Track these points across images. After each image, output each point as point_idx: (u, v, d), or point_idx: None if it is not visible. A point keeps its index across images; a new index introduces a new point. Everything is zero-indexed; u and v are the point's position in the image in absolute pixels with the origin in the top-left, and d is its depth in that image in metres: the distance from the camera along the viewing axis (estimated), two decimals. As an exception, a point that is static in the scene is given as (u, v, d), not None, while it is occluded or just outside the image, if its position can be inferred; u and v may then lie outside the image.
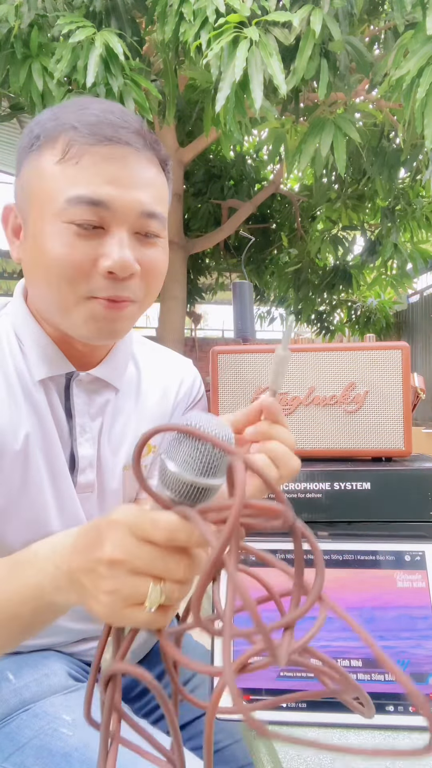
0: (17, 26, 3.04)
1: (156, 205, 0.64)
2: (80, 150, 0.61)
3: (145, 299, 0.68)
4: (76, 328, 0.66)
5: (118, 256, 0.61)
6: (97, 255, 0.62)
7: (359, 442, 0.86)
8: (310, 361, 0.86)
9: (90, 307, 0.64)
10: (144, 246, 0.65)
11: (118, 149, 0.62)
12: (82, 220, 0.60)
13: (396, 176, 4.74)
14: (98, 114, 0.62)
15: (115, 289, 0.63)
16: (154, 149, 0.66)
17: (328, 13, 2.89)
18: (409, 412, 0.85)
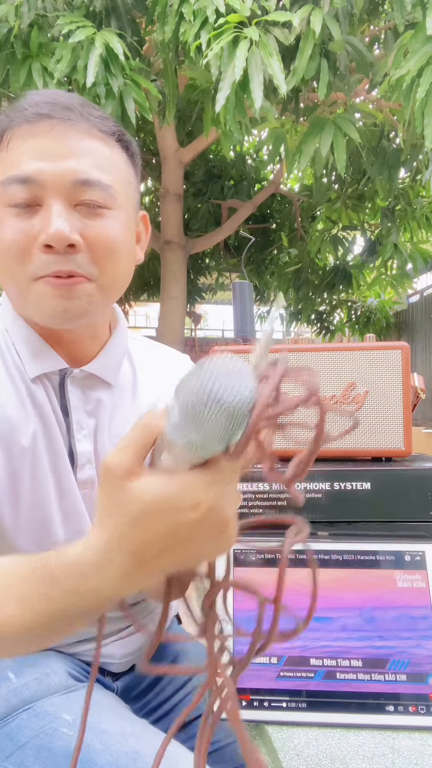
0: (17, 26, 3.04)
1: (94, 172, 0.62)
2: (11, 134, 0.62)
3: (102, 277, 0.65)
4: (34, 313, 0.65)
5: (52, 228, 0.59)
6: (35, 232, 0.61)
7: (359, 442, 0.86)
8: (310, 361, 0.86)
9: (38, 288, 0.63)
10: (88, 217, 0.63)
11: (43, 123, 0.61)
12: (16, 200, 0.60)
13: (396, 176, 4.73)
14: (29, 100, 0.63)
15: (56, 264, 0.61)
16: (90, 121, 0.64)
17: (328, 13, 2.89)
18: (409, 412, 0.85)
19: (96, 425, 0.74)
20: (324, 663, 0.66)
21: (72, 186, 0.61)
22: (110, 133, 0.66)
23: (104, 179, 0.63)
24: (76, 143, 0.62)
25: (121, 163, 0.67)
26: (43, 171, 0.60)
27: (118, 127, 0.68)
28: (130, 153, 0.69)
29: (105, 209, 0.63)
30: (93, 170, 0.62)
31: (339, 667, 0.67)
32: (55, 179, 0.60)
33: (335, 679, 0.66)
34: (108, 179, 0.63)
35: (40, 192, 0.60)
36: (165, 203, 4.89)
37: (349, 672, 0.66)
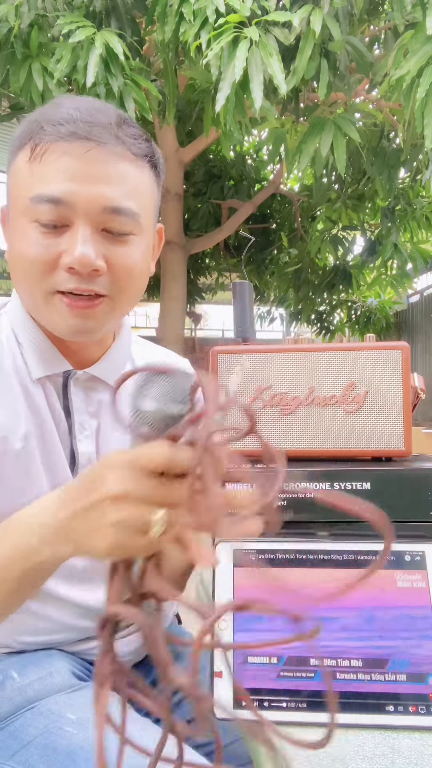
0: (17, 26, 3.04)
1: (124, 200, 0.63)
2: (44, 148, 0.61)
3: (119, 296, 0.67)
4: (49, 324, 0.67)
5: (78, 252, 0.60)
6: (60, 251, 0.62)
7: (359, 442, 0.86)
8: (310, 361, 0.86)
9: (56, 304, 0.64)
10: (113, 243, 0.64)
11: (79, 145, 0.61)
12: (45, 220, 0.61)
13: (396, 176, 4.74)
14: (64, 112, 0.62)
15: (78, 283, 0.62)
16: (125, 143, 0.64)
17: (328, 13, 2.89)
18: (409, 412, 0.85)
19: (98, 426, 0.75)
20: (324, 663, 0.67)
21: (101, 212, 0.62)
22: (143, 156, 0.66)
23: (133, 207, 0.64)
24: (109, 168, 0.62)
25: (149, 184, 0.68)
26: (75, 194, 0.60)
27: (150, 146, 0.68)
28: (158, 171, 0.70)
29: (129, 236, 0.65)
30: (123, 198, 0.62)
31: (339, 667, 0.67)
32: (86, 203, 0.61)
33: (335, 679, 0.66)
34: (136, 207, 0.64)
35: (68, 214, 0.61)
36: (165, 203, 4.90)
37: (348, 672, 0.66)
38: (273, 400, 0.86)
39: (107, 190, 0.61)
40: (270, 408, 0.86)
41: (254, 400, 0.86)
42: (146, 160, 0.67)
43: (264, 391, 0.86)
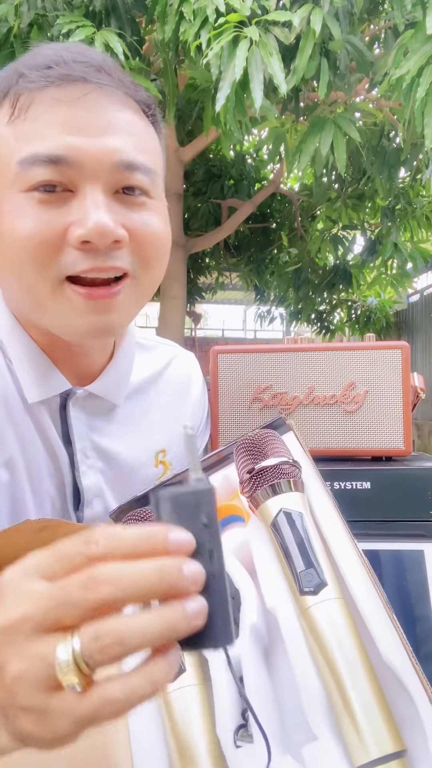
0: (17, 25, 3.04)
1: (137, 154, 0.50)
2: (28, 98, 0.48)
3: (143, 274, 0.53)
4: (56, 326, 0.53)
5: (92, 221, 0.47)
6: (66, 224, 0.48)
7: (359, 441, 0.86)
8: (310, 361, 0.86)
9: (67, 296, 0.50)
10: (129, 208, 0.51)
11: (75, 88, 0.48)
12: (42, 181, 0.48)
13: (396, 176, 4.73)
14: (49, 53, 0.50)
15: (94, 260, 0.49)
16: (127, 88, 0.52)
17: (328, 13, 2.89)
18: (409, 411, 0.85)
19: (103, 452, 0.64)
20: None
21: (113, 169, 0.49)
22: (145, 105, 0.54)
23: (148, 162, 0.52)
24: (115, 115, 0.50)
25: (156, 142, 0.56)
26: (78, 148, 0.47)
27: (150, 95, 0.55)
28: (158, 129, 0.57)
29: (146, 198, 0.52)
30: (136, 152, 0.50)
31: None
32: (93, 159, 0.48)
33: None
34: (150, 163, 0.52)
35: (72, 175, 0.48)
36: (165, 203, 4.89)
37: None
38: (273, 399, 0.86)
39: (117, 142, 0.49)
40: (270, 408, 0.86)
41: (254, 400, 0.86)
42: (148, 112, 0.55)
43: (264, 391, 0.86)
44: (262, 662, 0.46)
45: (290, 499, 0.49)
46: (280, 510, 0.49)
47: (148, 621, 0.28)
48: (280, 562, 0.48)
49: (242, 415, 0.86)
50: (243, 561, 0.51)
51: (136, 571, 0.29)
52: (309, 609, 0.44)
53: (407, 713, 0.40)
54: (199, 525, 0.31)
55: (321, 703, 0.41)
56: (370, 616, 0.44)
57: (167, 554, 0.30)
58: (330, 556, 0.48)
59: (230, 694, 0.43)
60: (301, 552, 0.46)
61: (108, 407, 0.65)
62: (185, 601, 0.29)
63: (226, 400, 0.87)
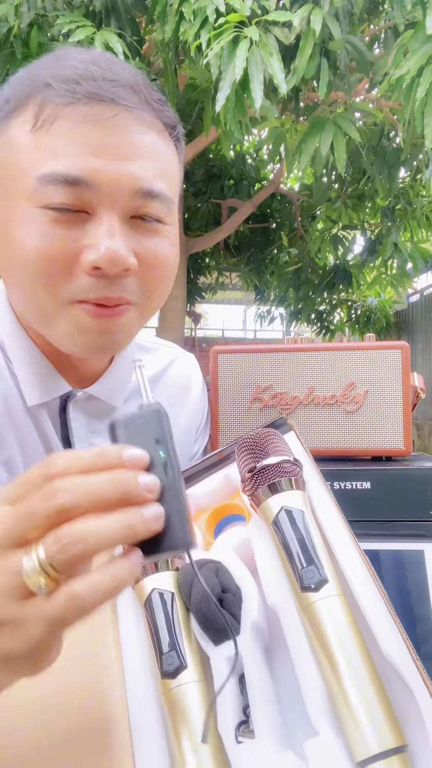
0: (17, 26, 3.04)
1: (156, 181, 0.50)
2: (54, 112, 0.47)
3: (147, 302, 0.54)
4: (60, 341, 0.54)
5: (105, 247, 0.47)
6: (79, 247, 0.48)
7: (359, 441, 0.86)
8: (310, 361, 0.86)
9: (73, 314, 0.51)
10: (143, 234, 0.51)
11: (102, 108, 0.47)
12: (59, 204, 0.47)
13: (396, 176, 4.73)
14: (77, 65, 0.48)
15: (105, 289, 0.49)
16: (154, 109, 0.51)
17: (328, 13, 2.89)
18: (409, 411, 0.85)
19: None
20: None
21: (131, 196, 0.49)
22: (171, 126, 0.54)
23: (166, 191, 0.52)
24: (138, 138, 0.49)
25: (176, 163, 0.56)
26: (99, 172, 0.47)
27: (175, 115, 0.55)
28: (180, 147, 0.57)
29: (160, 225, 0.53)
30: (156, 179, 0.50)
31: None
32: (113, 185, 0.48)
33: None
34: (168, 190, 0.52)
35: (90, 197, 0.48)
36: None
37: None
38: (273, 399, 0.86)
39: (138, 168, 0.49)
40: (270, 408, 0.86)
41: (254, 400, 0.86)
42: (173, 133, 0.55)
43: (264, 391, 0.86)
44: (263, 659, 0.46)
45: (291, 497, 0.50)
46: (281, 508, 0.49)
47: (107, 521, 0.31)
48: (282, 559, 0.48)
49: (242, 415, 0.86)
50: (244, 559, 0.51)
51: (94, 480, 0.31)
52: (310, 605, 0.44)
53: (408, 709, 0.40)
54: (152, 442, 0.35)
55: (322, 698, 0.41)
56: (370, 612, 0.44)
57: (123, 468, 0.33)
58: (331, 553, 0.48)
59: (231, 690, 0.44)
60: (302, 549, 0.46)
61: (108, 409, 0.65)
62: (142, 507, 0.32)
63: (226, 400, 0.87)
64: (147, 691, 0.46)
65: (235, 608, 0.47)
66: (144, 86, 0.51)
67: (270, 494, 0.50)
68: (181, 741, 0.42)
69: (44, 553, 0.30)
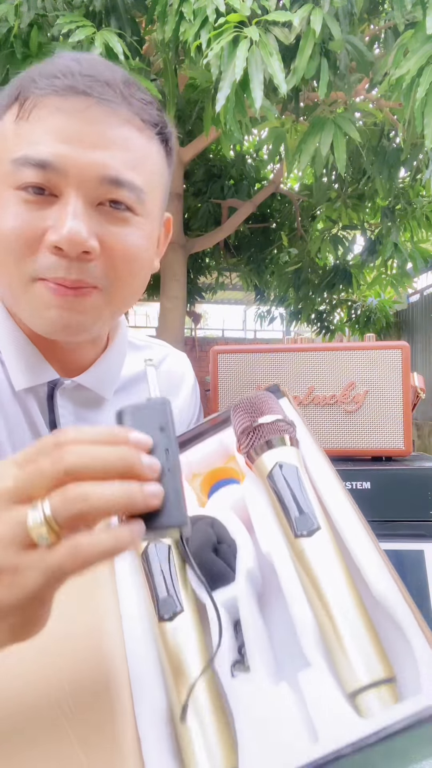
0: (17, 26, 3.04)
1: (125, 170, 0.52)
2: (33, 102, 0.51)
3: (113, 286, 0.56)
4: (29, 319, 0.56)
5: (67, 228, 0.50)
6: (45, 226, 0.51)
7: (359, 441, 0.86)
8: (310, 361, 0.86)
9: (37, 292, 0.53)
10: (110, 221, 0.53)
11: (77, 100, 0.51)
12: (29, 183, 0.51)
13: (396, 176, 4.73)
14: (60, 63, 0.53)
15: (66, 269, 0.52)
16: (132, 105, 0.54)
17: (328, 13, 2.89)
18: (409, 411, 0.85)
19: None
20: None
21: (98, 182, 0.52)
22: (152, 124, 0.56)
23: (137, 181, 0.54)
24: (111, 131, 0.52)
25: (158, 161, 0.58)
26: (66, 157, 0.50)
27: (162, 115, 0.57)
28: (168, 148, 0.60)
29: (130, 214, 0.55)
30: (126, 168, 0.53)
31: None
32: (80, 170, 0.51)
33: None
34: (140, 181, 0.54)
35: (58, 181, 0.51)
36: (165, 203, 4.89)
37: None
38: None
39: (107, 157, 0.51)
40: (270, 408, 0.86)
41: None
42: (155, 131, 0.57)
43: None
44: (255, 603, 0.48)
45: (286, 453, 0.52)
46: (276, 463, 0.51)
47: (110, 487, 0.33)
48: (276, 510, 0.50)
49: (242, 415, 0.86)
50: (239, 516, 0.54)
51: (101, 449, 0.34)
52: (303, 551, 0.46)
53: (397, 643, 0.42)
54: (156, 429, 0.38)
55: (314, 635, 0.43)
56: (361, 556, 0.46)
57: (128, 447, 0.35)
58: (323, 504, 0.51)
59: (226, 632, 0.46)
60: (295, 499, 0.49)
61: (97, 400, 0.66)
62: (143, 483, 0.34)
63: (226, 400, 0.87)
64: (145, 633, 0.47)
65: (230, 558, 0.49)
66: (124, 84, 0.54)
67: (265, 450, 0.52)
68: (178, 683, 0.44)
69: (49, 507, 0.32)
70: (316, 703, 0.40)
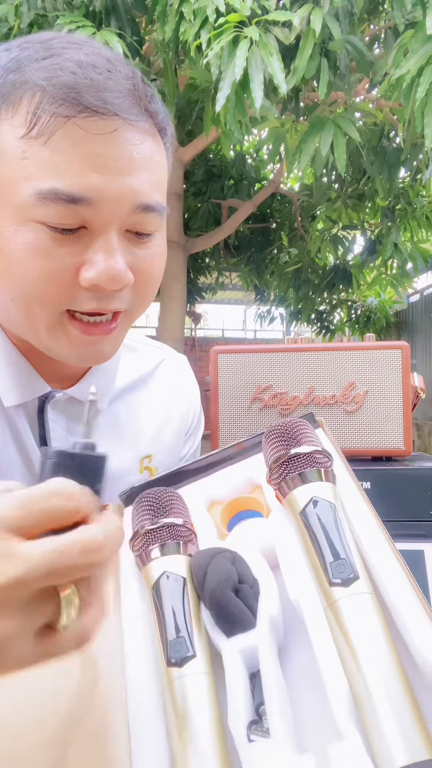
0: (17, 26, 3.04)
1: (153, 193, 0.50)
2: (52, 123, 0.45)
3: (138, 309, 0.55)
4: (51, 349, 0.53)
5: (104, 266, 0.47)
6: (77, 264, 0.48)
7: (359, 441, 0.86)
8: (310, 361, 0.86)
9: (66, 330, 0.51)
10: (137, 246, 0.51)
11: (104, 123, 0.46)
12: (58, 223, 0.46)
13: (396, 176, 4.73)
14: (75, 70, 0.46)
15: (100, 302, 0.50)
16: (151, 115, 0.50)
17: (328, 13, 2.89)
18: (409, 411, 0.85)
19: None
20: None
21: (130, 212, 0.49)
22: (163, 128, 0.53)
23: (160, 201, 0.51)
24: (137, 151, 0.48)
25: (167, 167, 0.55)
26: (100, 190, 0.46)
27: (165, 110, 0.53)
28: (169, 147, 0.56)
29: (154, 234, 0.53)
30: (152, 190, 0.50)
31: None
32: (112, 201, 0.47)
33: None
34: (162, 198, 0.52)
35: (90, 216, 0.47)
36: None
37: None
38: (273, 399, 0.86)
39: (136, 183, 0.48)
40: (270, 408, 0.86)
41: (254, 400, 0.86)
42: (165, 134, 0.53)
43: (264, 391, 0.86)
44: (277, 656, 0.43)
45: (322, 488, 0.47)
46: (311, 499, 0.46)
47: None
48: (307, 553, 0.45)
49: (242, 415, 0.86)
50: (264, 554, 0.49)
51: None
52: (337, 602, 0.41)
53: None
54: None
55: (348, 700, 0.38)
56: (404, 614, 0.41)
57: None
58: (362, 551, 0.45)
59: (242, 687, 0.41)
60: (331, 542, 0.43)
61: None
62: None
63: (226, 400, 0.87)
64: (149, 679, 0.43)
65: (251, 600, 0.44)
66: (143, 89, 0.49)
67: (299, 484, 0.47)
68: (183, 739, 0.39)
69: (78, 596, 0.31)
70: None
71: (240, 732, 0.39)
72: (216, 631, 0.44)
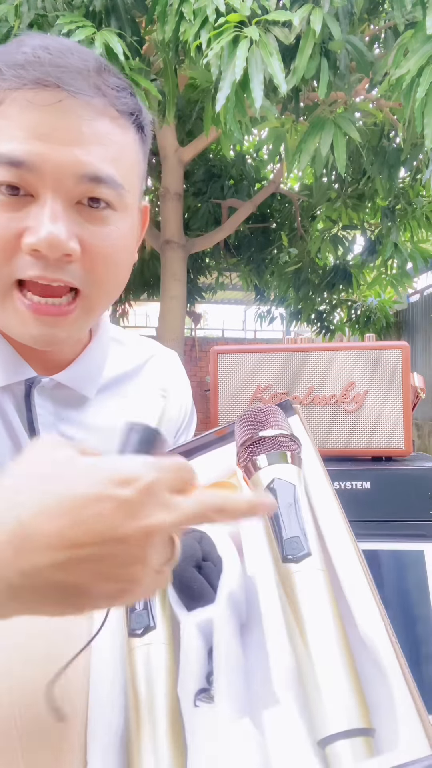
0: (17, 26, 3.04)
1: (104, 166, 0.50)
2: (2, 96, 0.49)
3: (95, 290, 0.54)
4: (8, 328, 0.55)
5: (45, 231, 0.48)
6: (21, 228, 0.49)
7: (359, 441, 0.86)
8: (310, 361, 0.86)
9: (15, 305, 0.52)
10: (90, 220, 0.52)
11: (47, 94, 0.48)
12: (2, 181, 0.48)
13: (396, 176, 4.73)
14: (28, 51, 0.49)
15: (44, 269, 0.50)
16: (106, 95, 0.51)
17: (328, 13, 2.89)
18: (409, 411, 0.85)
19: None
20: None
21: (77, 180, 0.50)
22: (128, 113, 0.54)
23: (116, 176, 0.52)
24: (87, 125, 0.50)
25: (135, 151, 0.56)
26: (41, 155, 0.48)
27: (136, 101, 0.55)
28: (144, 135, 0.57)
29: (110, 211, 0.53)
30: (104, 164, 0.51)
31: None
32: (57, 169, 0.49)
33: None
34: (119, 176, 0.52)
35: (34, 181, 0.49)
36: (165, 202, 4.89)
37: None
38: (273, 399, 0.86)
39: (83, 154, 0.49)
40: (270, 408, 0.86)
41: (254, 400, 0.86)
42: (131, 120, 0.54)
43: (264, 391, 0.86)
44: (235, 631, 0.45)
45: (285, 470, 0.49)
46: (273, 479, 0.48)
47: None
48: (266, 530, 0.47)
49: (242, 415, 0.86)
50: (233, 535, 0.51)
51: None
52: (289, 577, 0.43)
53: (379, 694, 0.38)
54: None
55: (288, 670, 0.40)
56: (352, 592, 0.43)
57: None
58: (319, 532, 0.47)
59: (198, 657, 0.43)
60: (288, 520, 0.45)
61: (78, 399, 0.64)
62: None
63: (226, 400, 0.87)
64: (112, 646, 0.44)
65: (213, 577, 0.46)
66: (97, 72, 0.51)
67: (264, 465, 0.50)
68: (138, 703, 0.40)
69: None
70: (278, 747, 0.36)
71: (188, 698, 0.41)
72: (178, 605, 0.46)
